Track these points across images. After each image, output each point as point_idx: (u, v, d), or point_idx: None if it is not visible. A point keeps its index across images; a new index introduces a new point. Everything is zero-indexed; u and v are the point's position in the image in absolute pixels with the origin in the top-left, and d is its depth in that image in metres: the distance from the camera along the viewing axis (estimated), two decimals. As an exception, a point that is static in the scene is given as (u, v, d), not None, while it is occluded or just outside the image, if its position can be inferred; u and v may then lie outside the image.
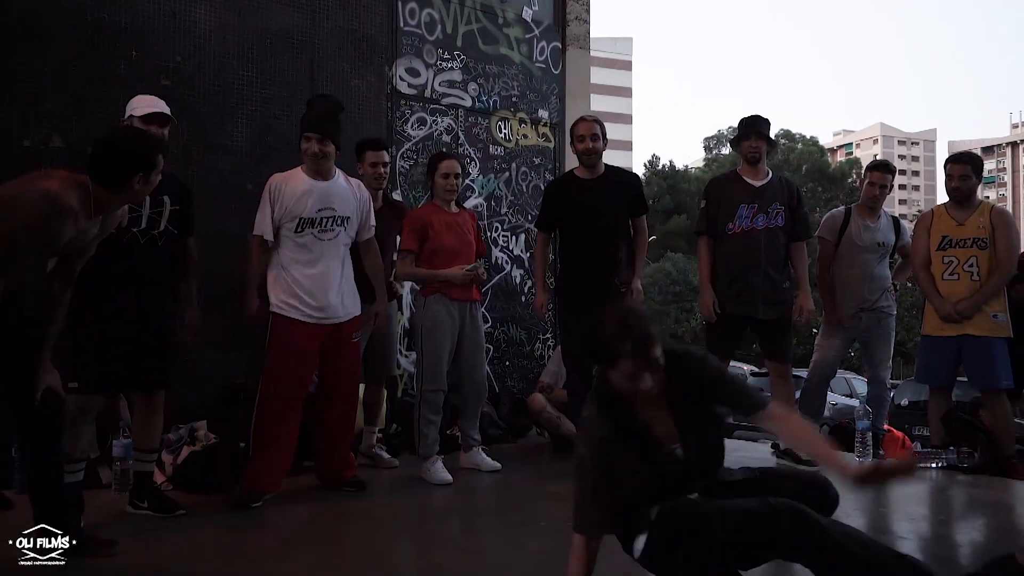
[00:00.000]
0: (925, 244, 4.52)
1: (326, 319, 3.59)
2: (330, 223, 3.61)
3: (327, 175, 3.65)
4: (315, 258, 3.59)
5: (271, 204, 3.56)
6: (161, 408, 3.31)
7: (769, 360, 4.51)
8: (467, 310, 4.15)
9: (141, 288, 3.14)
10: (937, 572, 1.94)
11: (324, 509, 3.40)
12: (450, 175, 4.14)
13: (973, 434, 4.34)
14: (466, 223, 4.26)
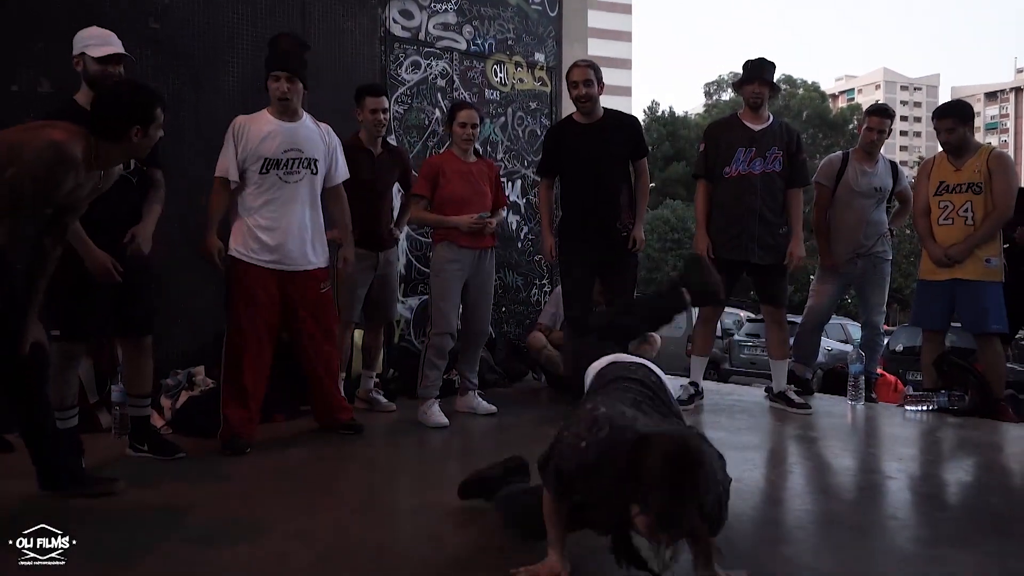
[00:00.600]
0: (925, 191, 4.50)
1: (287, 266, 3.51)
2: (296, 164, 3.52)
3: (294, 116, 3.57)
4: (280, 201, 3.49)
5: (234, 144, 3.48)
6: (150, 353, 3.30)
7: (763, 305, 4.53)
8: (476, 257, 4.17)
9: (116, 231, 3.07)
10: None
11: (321, 452, 3.44)
12: (467, 124, 4.14)
13: (964, 377, 4.38)
14: (482, 173, 4.25)
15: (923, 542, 2.38)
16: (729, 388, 6.12)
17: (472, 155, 4.26)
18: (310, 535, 2.34)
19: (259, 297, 3.47)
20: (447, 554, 2.21)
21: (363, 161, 4.13)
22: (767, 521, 2.59)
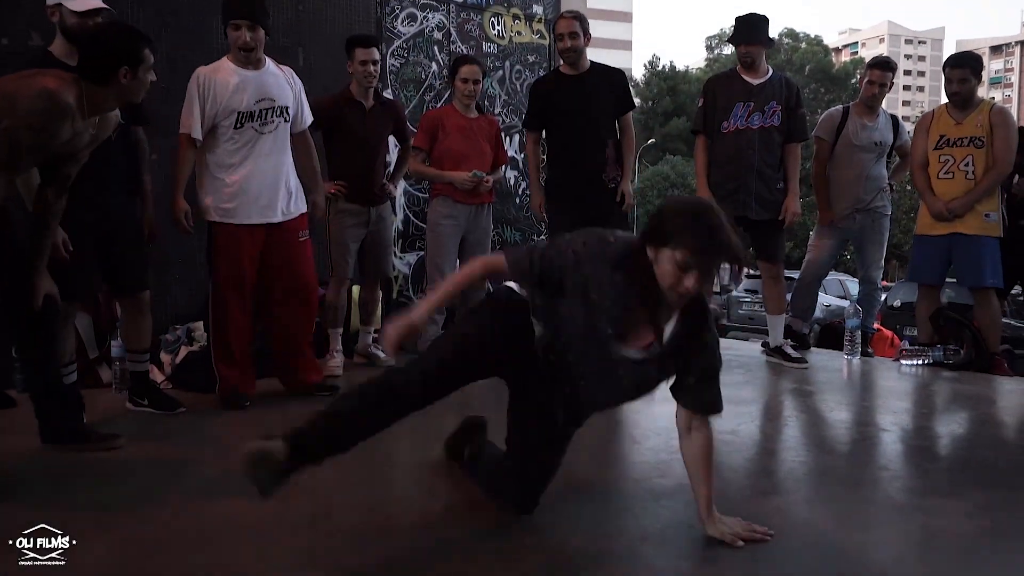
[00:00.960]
0: (924, 144, 4.47)
1: (268, 219, 3.43)
2: (270, 114, 3.39)
3: (258, 64, 3.41)
4: (257, 154, 3.38)
5: (200, 100, 3.30)
6: (147, 309, 3.28)
7: (760, 261, 4.52)
8: (472, 212, 4.19)
9: (104, 190, 3.05)
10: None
11: (319, 407, 3.45)
12: (469, 80, 4.13)
13: (960, 332, 4.40)
14: (482, 129, 4.24)
15: (914, 493, 2.42)
16: (726, 343, 6.13)
17: (474, 111, 4.23)
18: (309, 489, 2.35)
19: (241, 257, 3.38)
20: (445, 506, 2.24)
21: (354, 115, 4.06)
22: (761, 473, 2.63)
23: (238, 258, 3.39)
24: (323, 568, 1.82)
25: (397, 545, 1.96)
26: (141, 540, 1.98)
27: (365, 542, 1.94)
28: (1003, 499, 2.33)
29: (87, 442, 2.73)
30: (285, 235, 3.49)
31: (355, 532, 2.02)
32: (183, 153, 3.35)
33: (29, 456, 2.66)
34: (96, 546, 1.93)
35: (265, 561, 1.87)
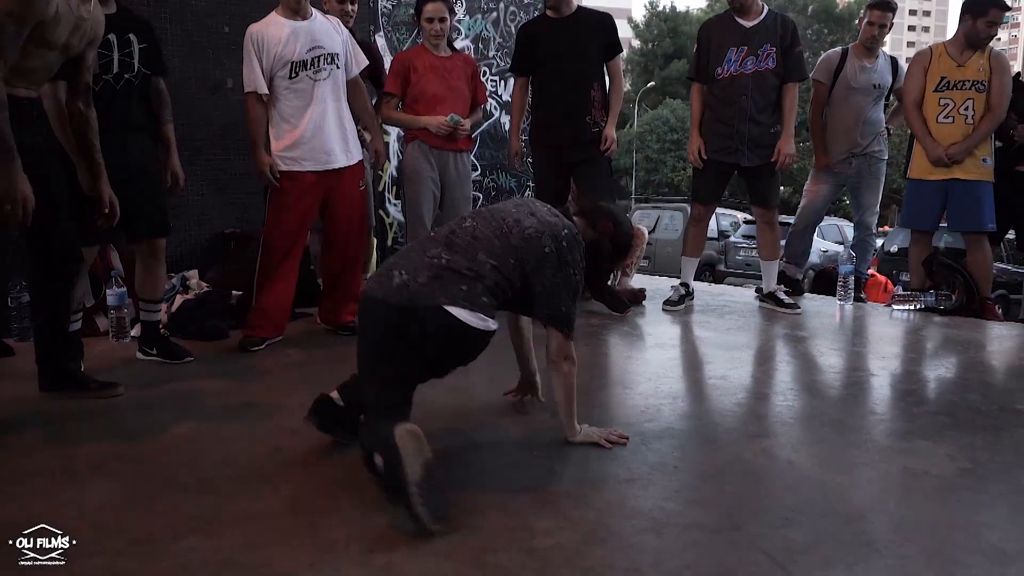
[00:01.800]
0: (921, 83, 4.39)
1: (329, 165, 3.52)
2: (322, 62, 3.47)
3: (306, 13, 3.48)
4: (313, 101, 3.47)
5: (257, 56, 3.39)
6: (163, 256, 3.33)
7: (754, 206, 4.50)
8: (450, 159, 4.07)
9: (123, 136, 3.07)
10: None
11: (317, 352, 3.49)
12: (434, 19, 3.97)
13: (952, 277, 4.42)
14: (456, 68, 4.09)
15: (898, 436, 2.46)
16: (720, 289, 6.19)
17: (446, 49, 4.08)
18: (303, 431, 2.40)
19: (300, 203, 3.49)
20: (441, 450, 2.27)
21: None
22: (750, 416, 2.66)
23: (296, 204, 3.49)
24: (320, 511, 1.86)
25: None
26: (139, 484, 2.02)
27: (356, 486, 1.98)
28: (985, 441, 2.37)
29: (86, 389, 2.76)
30: (347, 181, 3.60)
31: (346, 476, 2.05)
32: (253, 110, 3.42)
33: (28, 403, 2.70)
34: (94, 491, 1.98)
35: (262, 502, 1.91)
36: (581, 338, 3.78)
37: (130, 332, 3.66)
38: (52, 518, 1.74)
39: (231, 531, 1.76)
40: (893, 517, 1.86)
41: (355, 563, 1.62)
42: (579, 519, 1.82)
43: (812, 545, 1.71)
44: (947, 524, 1.83)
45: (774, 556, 1.66)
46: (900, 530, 1.79)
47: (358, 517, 1.82)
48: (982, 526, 1.81)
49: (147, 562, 1.63)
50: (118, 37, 3.01)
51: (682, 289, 4.55)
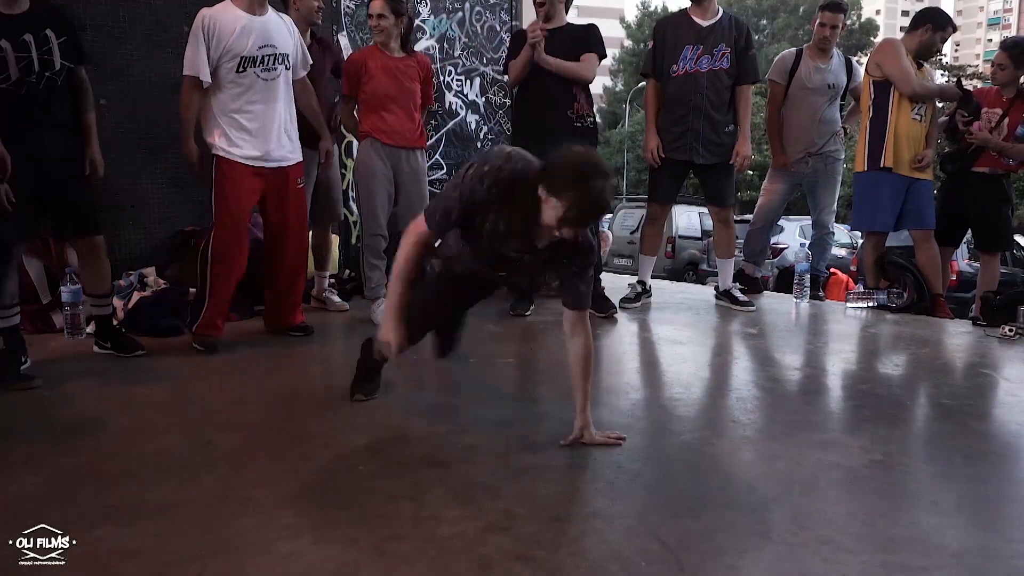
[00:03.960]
0: (913, 67, 4.40)
1: (269, 163, 3.50)
2: (272, 61, 3.44)
3: (262, 8, 3.45)
4: (258, 100, 3.43)
5: (205, 40, 3.32)
6: (103, 252, 3.32)
7: (710, 205, 4.56)
8: (402, 157, 4.06)
9: (47, 134, 3.05)
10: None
11: (269, 349, 3.53)
12: (374, 15, 3.95)
13: (902, 275, 4.48)
14: (410, 69, 4.08)
15: (818, 428, 2.51)
16: (679, 287, 6.24)
17: (398, 50, 4.07)
18: (238, 425, 2.46)
19: (244, 195, 3.46)
20: (365, 442, 2.33)
21: None
22: (681, 410, 2.70)
23: (241, 197, 3.46)
24: (237, 501, 1.90)
25: (326, 468, 2.05)
26: (64, 476, 2.06)
27: (277, 480, 2.02)
28: (900, 434, 2.44)
29: (4, 381, 2.81)
30: (284, 181, 3.57)
31: (269, 471, 2.09)
32: (190, 95, 3.35)
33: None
34: (16, 483, 2.02)
35: (182, 493, 1.95)
36: (532, 335, 3.85)
37: (85, 328, 3.69)
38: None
39: (145, 521, 1.80)
40: (794, 507, 1.91)
41: (259, 551, 1.66)
42: (487, 509, 1.87)
43: (709, 534, 1.76)
44: (844, 514, 1.88)
45: (668, 544, 1.71)
46: (797, 520, 1.84)
47: (270, 508, 1.86)
48: (877, 515, 1.86)
49: (55, 550, 1.67)
50: (35, 36, 2.96)
51: (639, 287, 4.60)
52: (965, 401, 2.83)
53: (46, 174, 3.05)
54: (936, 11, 4.43)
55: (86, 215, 3.23)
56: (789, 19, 41.68)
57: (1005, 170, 4.49)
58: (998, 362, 3.50)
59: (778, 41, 33.94)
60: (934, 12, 4.42)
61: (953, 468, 2.18)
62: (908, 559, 1.66)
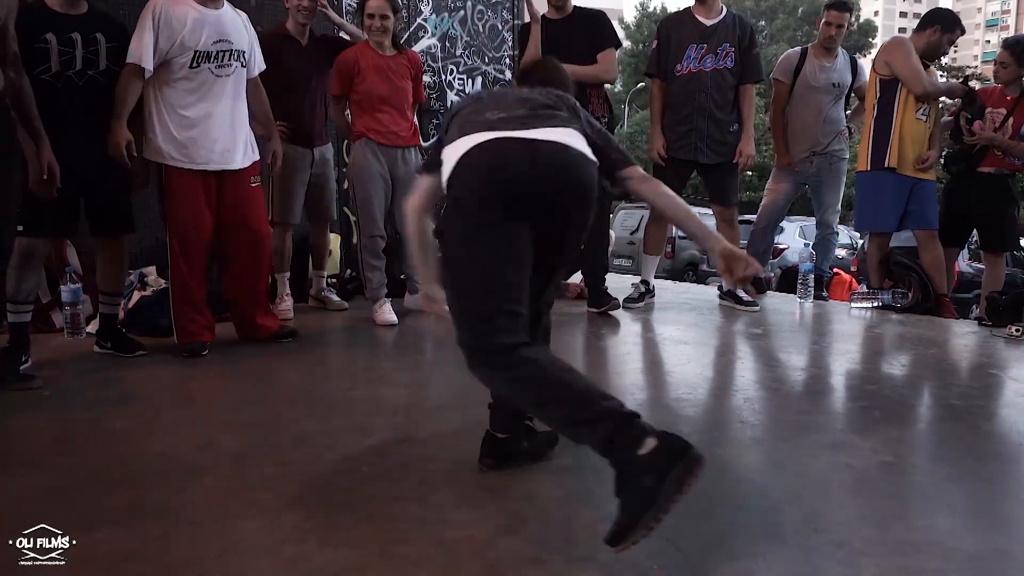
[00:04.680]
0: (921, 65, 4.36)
1: (221, 165, 3.34)
2: (227, 57, 3.30)
3: (217, 3, 3.31)
4: (211, 97, 3.29)
5: (154, 30, 3.13)
6: (125, 252, 3.37)
7: (712, 204, 4.53)
8: (398, 155, 4.03)
9: (87, 132, 3.09)
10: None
11: (268, 349, 3.50)
12: (376, 15, 3.89)
13: (907, 275, 4.46)
14: (402, 67, 4.04)
15: (828, 430, 2.48)
16: (682, 287, 6.23)
17: (390, 48, 4.02)
18: (238, 426, 2.43)
19: (194, 202, 3.31)
20: (368, 444, 2.30)
21: (289, 52, 3.97)
22: (690, 411, 2.68)
23: (195, 202, 3.31)
24: (240, 504, 1.87)
25: (330, 470, 2.02)
26: (64, 477, 2.03)
27: (279, 481, 1.99)
28: (911, 436, 2.41)
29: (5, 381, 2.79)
30: (238, 182, 3.43)
31: (271, 472, 2.06)
32: (129, 82, 3.16)
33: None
34: (17, 484, 1.98)
35: (184, 495, 1.92)
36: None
37: (85, 328, 3.66)
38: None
39: (147, 523, 1.77)
40: (807, 510, 1.88)
41: (264, 554, 1.64)
42: (495, 511, 1.84)
43: (722, 537, 1.73)
44: (857, 516, 1.85)
45: (681, 547, 1.68)
46: (810, 523, 1.81)
47: (275, 511, 1.83)
48: (892, 518, 1.83)
49: (55, 553, 1.64)
50: (83, 36, 3.07)
51: (642, 287, 4.58)
52: (974, 402, 2.80)
53: (84, 172, 3.05)
54: (946, 12, 4.41)
55: (120, 213, 3.25)
56: (788, 20, 41.74)
57: (1011, 170, 4.47)
58: (1005, 363, 3.48)
59: (776, 42, 33.95)
60: (943, 13, 4.40)
61: (965, 470, 2.15)
62: (924, 562, 1.63)
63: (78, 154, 3.04)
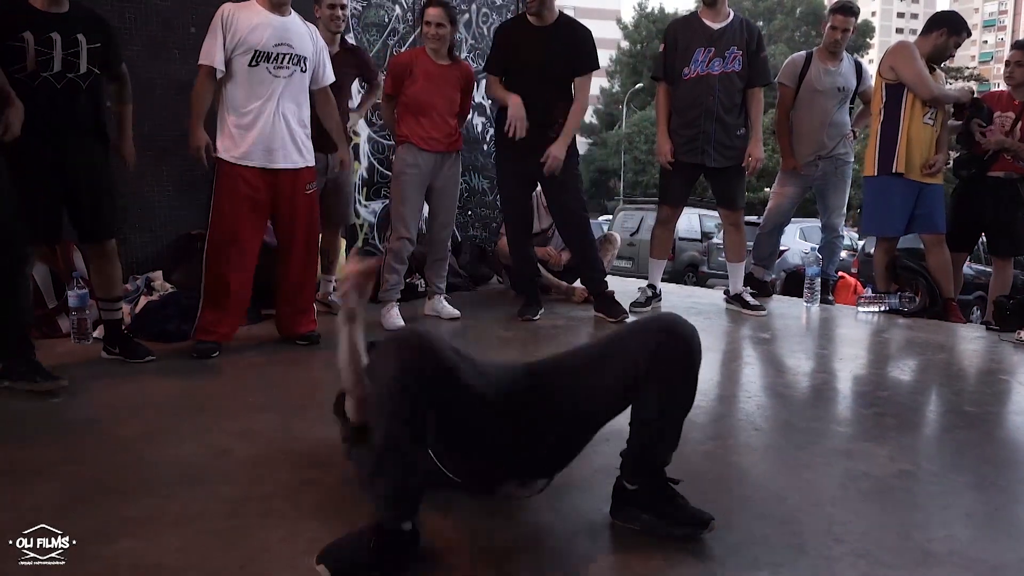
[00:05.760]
0: (926, 69, 4.36)
1: (274, 164, 3.44)
2: (286, 59, 3.41)
3: (284, 10, 3.44)
4: (268, 96, 3.39)
5: (223, 31, 3.31)
6: (115, 256, 3.31)
7: (720, 208, 4.53)
8: (438, 161, 4.10)
9: (65, 136, 3.02)
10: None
11: (278, 355, 3.49)
12: (431, 23, 3.96)
13: (914, 279, 4.46)
14: (452, 78, 4.10)
15: (843, 437, 2.48)
16: (689, 291, 6.22)
17: (445, 56, 4.08)
18: (253, 434, 2.42)
19: (244, 197, 3.40)
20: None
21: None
22: (703, 418, 2.67)
23: (239, 196, 3.40)
24: (258, 513, 1.86)
25: (347, 478, 2.01)
26: (81, 486, 2.02)
27: (297, 491, 1.99)
28: (927, 443, 2.41)
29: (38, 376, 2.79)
30: (294, 183, 3.53)
31: (288, 480, 2.06)
32: (203, 84, 3.32)
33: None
34: (33, 494, 1.97)
35: (199, 505, 1.91)
36: (542, 339, 3.81)
37: (92, 334, 3.65)
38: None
39: (166, 533, 1.76)
40: (826, 519, 1.88)
41: (286, 566, 1.63)
42: (516, 523, 1.83)
43: (742, 546, 1.73)
44: (878, 525, 1.85)
45: (703, 557, 1.68)
46: (831, 532, 1.81)
47: (294, 520, 1.82)
48: (912, 527, 1.83)
49: (76, 565, 1.63)
50: (63, 36, 2.96)
51: (649, 291, 4.57)
52: (987, 408, 2.80)
53: (65, 176, 3.03)
54: (952, 15, 4.41)
55: (101, 219, 3.20)
56: (785, 21, 41.76)
57: (1020, 173, 4.46)
58: (1015, 368, 3.47)
59: (775, 43, 33.95)
60: (950, 16, 4.39)
61: (983, 478, 2.15)
62: (948, 572, 1.63)
63: (56, 159, 2.99)
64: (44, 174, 2.93)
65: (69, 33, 2.99)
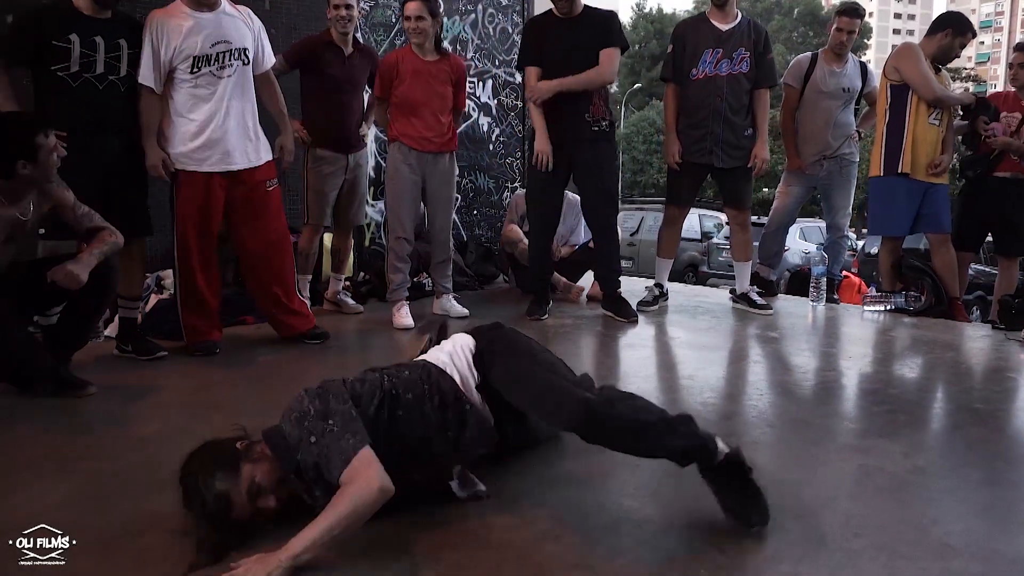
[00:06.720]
0: (932, 71, 4.37)
1: (230, 166, 3.37)
2: (228, 57, 3.30)
3: (213, 5, 3.29)
4: (215, 99, 3.30)
5: (153, 47, 3.19)
6: (142, 256, 3.39)
7: (727, 208, 4.55)
8: (431, 160, 4.09)
9: (104, 136, 3.13)
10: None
11: (287, 353, 3.51)
12: (411, 17, 3.93)
13: (919, 278, 4.48)
14: (442, 72, 4.05)
15: (856, 434, 2.50)
16: (695, 290, 6.24)
17: (432, 52, 4.04)
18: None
19: (204, 205, 3.35)
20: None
21: (333, 60, 4.03)
22: (715, 416, 2.69)
23: (201, 206, 3.35)
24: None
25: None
26: (101, 483, 2.03)
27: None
28: (939, 440, 2.43)
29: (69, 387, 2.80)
30: (252, 185, 3.45)
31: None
32: (146, 103, 3.25)
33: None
34: (56, 490, 1.99)
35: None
36: (554, 338, 3.83)
37: (103, 331, 3.66)
38: (13, 516, 1.76)
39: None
40: (844, 513, 1.89)
41: (310, 564, 1.63)
42: (535, 517, 1.84)
43: (763, 540, 1.74)
44: (896, 520, 1.86)
45: (724, 551, 1.69)
46: (849, 526, 1.82)
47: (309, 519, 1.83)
48: (929, 522, 1.85)
49: (104, 559, 1.64)
50: (106, 41, 3.09)
51: (656, 290, 4.59)
52: (996, 406, 2.82)
53: (100, 176, 3.08)
54: (957, 16, 4.43)
55: (133, 219, 3.24)
56: (784, 21, 41.85)
57: (1026, 173, 4.49)
58: (1022, 366, 3.49)
59: (773, 43, 34.00)
60: (955, 16, 4.42)
61: (996, 474, 2.17)
62: (966, 566, 1.64)
63: (90, 158, 3.07)
64: (85, 173, 2.99)
65: (112, 38, 3.11)
